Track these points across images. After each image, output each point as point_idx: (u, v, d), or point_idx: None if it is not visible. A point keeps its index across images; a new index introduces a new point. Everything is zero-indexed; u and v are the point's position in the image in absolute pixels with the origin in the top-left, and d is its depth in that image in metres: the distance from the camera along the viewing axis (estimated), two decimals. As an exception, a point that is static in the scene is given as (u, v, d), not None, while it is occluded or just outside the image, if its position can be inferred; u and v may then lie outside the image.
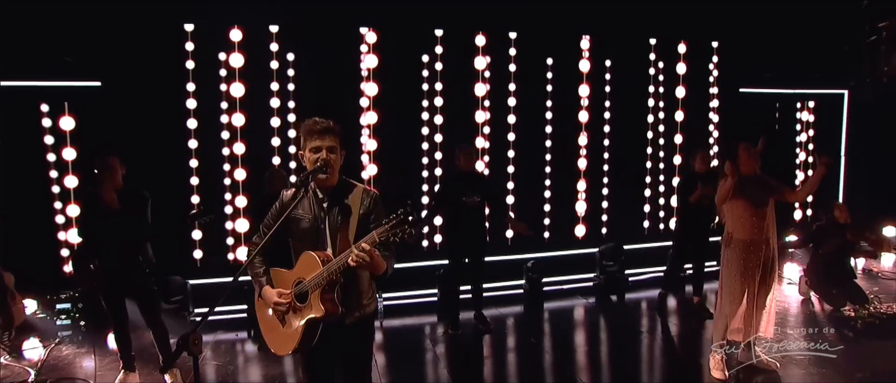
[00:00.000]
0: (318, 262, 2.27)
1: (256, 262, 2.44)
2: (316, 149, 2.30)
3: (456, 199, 4.77)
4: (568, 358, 4.52)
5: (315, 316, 2.29)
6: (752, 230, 3.68)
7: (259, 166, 5.58)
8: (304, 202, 2.39)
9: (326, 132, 2.33)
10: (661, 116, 6.93)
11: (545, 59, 6.51)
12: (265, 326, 2.52)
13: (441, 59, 6.10)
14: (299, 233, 2.39)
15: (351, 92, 5.84)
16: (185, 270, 5.44)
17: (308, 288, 2.30)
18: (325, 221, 2.37)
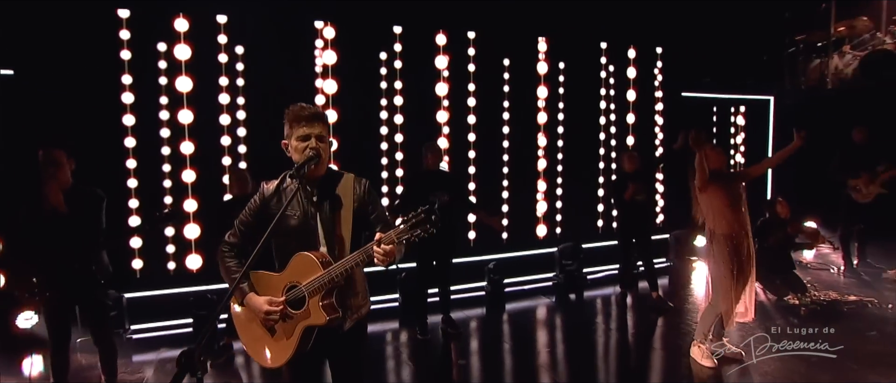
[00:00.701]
0: (317, 264, 2.05)
1: (234, 266, 2.17)
2: (304, 138, 2.09)
3: (424, 199, 4.59)
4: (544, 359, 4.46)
5: (315, 324, 2.07)
6: (733, 224, 3.81)
7: (207, 167, 5.16)
8: (288, 196, 2.15)
9: (315, 119, 2.12)
10: (613, 118, 7.12)
11: (503, 60, 6.51)
12: (248, 337, 2.24)
13: (401, 57, 5.94)
14: (287, 231, 2.14)
15: (307, 89, 5.54)
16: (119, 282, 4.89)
17: (305, 294, 2.07)
18: (317, 217, 2.15)
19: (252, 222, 2.20)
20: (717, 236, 3.88)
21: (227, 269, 2.18)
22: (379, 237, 1.96)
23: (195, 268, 5.14)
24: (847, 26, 8.02)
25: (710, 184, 3.84)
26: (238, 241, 2.21)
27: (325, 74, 5.57)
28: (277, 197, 2.17)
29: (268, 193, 2.20)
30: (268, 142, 5.25)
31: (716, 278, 3.92)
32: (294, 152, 2.11)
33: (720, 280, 3.89)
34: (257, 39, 5.33)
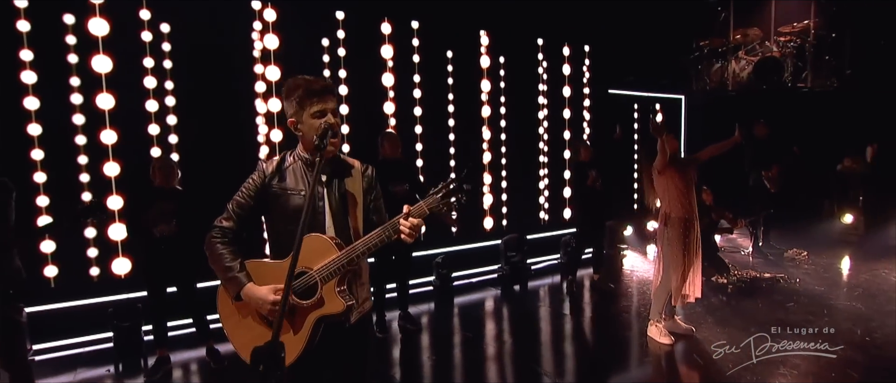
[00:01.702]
0: (332, 246, 1.85)
1: (227, 254, 1.90)
2: (320, 114, 1.90)
3: (382, 189, 4.40)
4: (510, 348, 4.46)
5: (331, 313, 1.86)
6: (686, 208, 4.07)
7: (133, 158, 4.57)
8: (293, 174, 1.95)
9: (328, 92, 1.94)
10: (548, 113, 7.35)
11: (446, 52, 6.46)
12: (244, 337, 1.94)
13: (344, 44, 5.67)
14: (290, 213, 1.91)
15: (245, 75, 5.10)
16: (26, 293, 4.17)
17: (318, 280, 1.85)
18: (325, 198, 1.95)
19: (250, 204, 1.94)
20: (672, 219, 4.13)
21: (219, 257, 1.90)
22: (407, 210, 1.83)
23: (123, 272, 4.52)
24: (742, 34, 8.97)
25: (668, 168, 4.08)
26: (234, 225, 1.94)
27: (267, 60, 5.16)
28: (279, 176, 1.95)
29: (269, 172, 1.95)
30: (201, 131, 4.87)
31: (668, 258, 4.17)
32: (309, 130, 1.90)
33: (672, 260, 4.14)
34: (186, 17, 4.81)
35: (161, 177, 3.85)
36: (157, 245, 3.76)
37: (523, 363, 4.12)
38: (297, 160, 1.98)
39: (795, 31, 8.59)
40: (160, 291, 3.88)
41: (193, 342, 4.30)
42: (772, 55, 8.59)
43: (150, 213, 3.73)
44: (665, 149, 4.03)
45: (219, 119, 4.91)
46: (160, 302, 3.89)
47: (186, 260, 3.84)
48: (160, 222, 3.70)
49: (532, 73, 7.18)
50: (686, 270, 4.14)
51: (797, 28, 8.60)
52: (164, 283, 3.90)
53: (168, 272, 3.86)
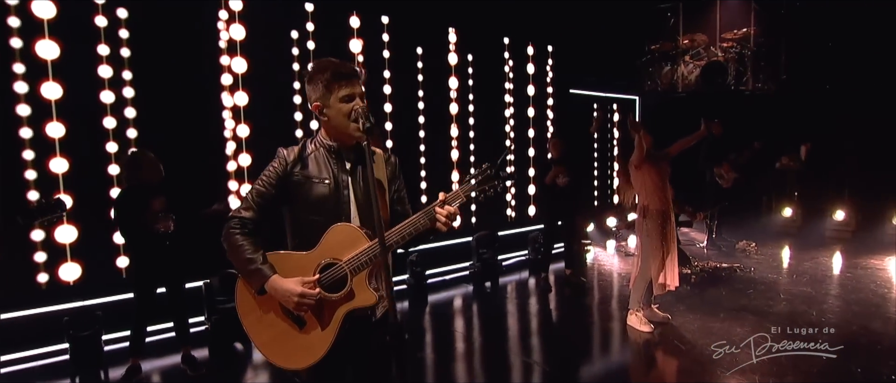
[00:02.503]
0: (362, 236, 1.76)
1: (248, 245, 1.76)
2: (348, 98, 1.79)
3: None
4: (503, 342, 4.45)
5: (362, 306, 1.78)
6: (663, 200, 4.22)
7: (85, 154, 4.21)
8: (315, 162, 1.84)
9: (355, 77, 1.83)
10: (514, 111, 7.45)
11: (416, 49, 6.40)
12: (266, 334, 1.81)
13: (314, 37, 5.48)
14: (314, 202, 1.80)
15: (210, 66, 4.81)
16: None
17: (347, 271, 1.75)
18: (350, 187, 1.85)
19: (271, 193, 1.81)
20: (651, 211, 4.26)
21: (239, 249, 1.76)
22: (443, 197, 1.78)
23: (72, 279, 4.13)
24: (689, 39, 9.49)
25: (645, 163, 4.22)
26: (254, 215, 1.80)
27: (233, 51, 4.90)
28: (301, 163, 1.83)
29: (290, 159, 1.84)
30: (163, 126, 4.54)
31: (647, 250, 4.30)
32: (337, 115, 1.79)
33: (651, 251, 4.28)
34: (146, 2, 4.48)
35: (148, 173, 3.61)
36: (158, 243, 3.56)
37: (513, 355, 4.13)
38: (319, 147, 1.87)
39: (736, 37, 9.18)
40: (151, 293, 3.65)
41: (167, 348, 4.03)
42: (717, 59, 9.13)
43: (147, 211, 3.48)
44: (642, 145, 4.17)
45: (182, 113, 4.59)
46: (149, 305, 3.63)
47: (180, 257, 3.66)
48: (160, 219, 3.50)
49: (499, 72, 7.25)
50: (664, 260, 4.29)
51: (738, 35, 9.19)
52: (155, 284, 3.67)
53: (160, 272, 3.66)
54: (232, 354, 4.16)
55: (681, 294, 5.16)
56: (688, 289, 5.50)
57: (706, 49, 9.39)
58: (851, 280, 5.78)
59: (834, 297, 5.18)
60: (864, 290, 5.38)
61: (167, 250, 3.60)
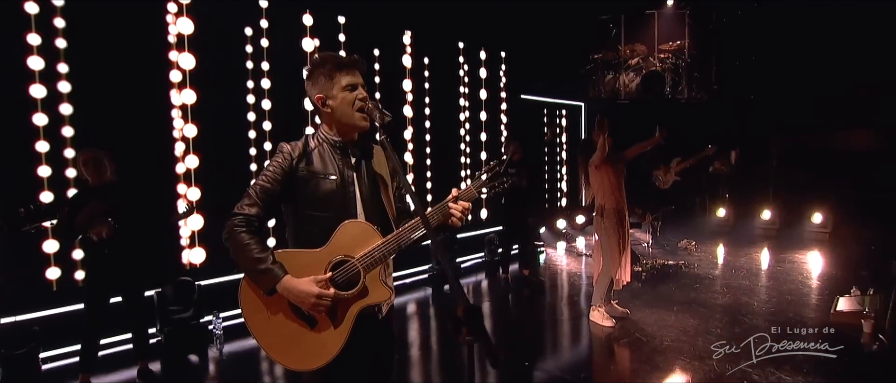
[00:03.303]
0: (375, 232, 1.74)
1: (254, 244, 1.68)
2: (351, 87, 1.78)
3: None
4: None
5: (376, 303, 1.76)
6: (619, 200, 4.40)
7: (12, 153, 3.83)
8: (320, 158, 1.79)
9: (356, 66, 1.82)
10: (469, 115, 7.53)
11: (373, 50, 6.34)
12: (276, 335, 1.72)
13: (267, 35, 5.30)
14: (321, 198, 1.75)
15: (158, 61, 4.53)
16: None
17: (360, 268, 1.71)
18: (355, 182, 1.81)
19: (276, 189, 1.74)
20: (608, 211, 4.44)
21: (246, 248, 1.67)
22: (455, 193, 1.78)
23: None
24: (630, 50, 10.01)
25: (604, 164, 4.39)
26: (259, 212, 1.72)
27: (182, 46, 4.64)
28: (306, 159, 1.78)
29: (295, 155, 1.78)
30: (104, 124, 4.20)
31: (607, 248, 4.47)
32: (341, 104, 1.77)
33: (611, 249, 4.46)
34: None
35: (92, 173, 3.33)
36: (98, 250, 3.26)
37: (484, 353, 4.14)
38: (323, 142, 1.82)
39: (672, 49, 9.78)
40: (102, 304, 3.34)
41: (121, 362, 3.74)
42: (655, 69, 9.69)
43: (81, 215, 3.16)
44: (604, 147, 4.34)
45: (126, 111, 4.29)
46: (100, 317, 3.31)
47: (133, 264, 3.37)
48: (94, 223, 3.17)
49: (454, 76, 7.31)
50: (620, 257, 4.48)
51: (673, 47, 9.80)
52: (107, 294, 3.35)
53: (113, 280, 3.36)
54: (186, 367, 3.91)
55: (635, 290, 5.40)
56: (639, 286, 5.75)
57: (645, 59, 9.94)
58: (781, 273, 6.28)
59: (769, 288, 5.60)
60: (793, 281, 5.86)
61: (112, 257, 3.31)
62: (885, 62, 8.19)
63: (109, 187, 3.36)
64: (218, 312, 4.28)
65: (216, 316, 4.25)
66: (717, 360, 3.62)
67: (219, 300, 4.46)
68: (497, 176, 1.82)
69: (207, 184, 4.81)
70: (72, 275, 4.10)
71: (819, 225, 8.22)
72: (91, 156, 3.35)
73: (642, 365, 3.69)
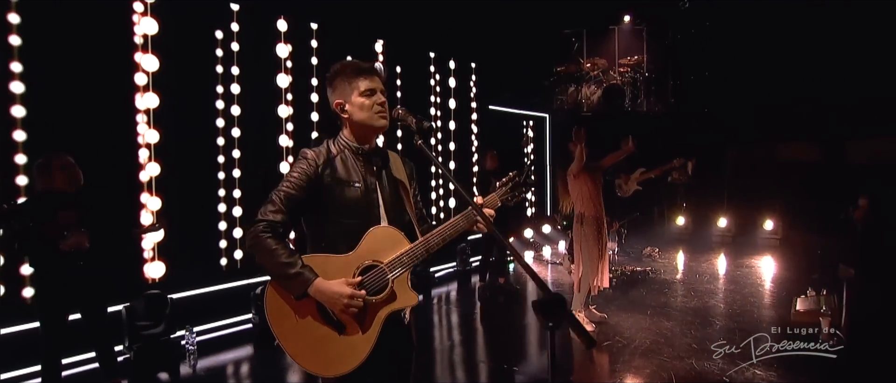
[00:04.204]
0: (402, 238, 1.77)
1: (281, 249, 1.66)
2: (369, 92, 1.80)
3: None
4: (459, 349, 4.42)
5: (404, 307, 1.77)
6: (598, 208, 4.53)
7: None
8: (343, 164, 1.80)
9: (374, 73, 1.85)
10: (439, 124, 7.58)
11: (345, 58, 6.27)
12: (304, 340, 1.70)
13: (238, 39, 5.16)
14: (346, 205, 1.76)
15: (121, 62, 4.32)
16: None
17: (388, 274, 1.72)
18: (378, 189, 1.83)
19: (301, 196, 1.73)
20: (588, 218, 4.56)
21: (274, 253, 1.64)
22: (480, 200, 1.85)
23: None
24: (591, 63, 10.37)
25: (582, 173, 4.51)
26: (284, 218, 1.70)
27: (145, 47, 4.44)
28: (330, 166, 1.78)
29: (320, 162, 1.77)
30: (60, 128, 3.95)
31: (587, 254, 4.59)
32: (358, 110, 1.78)
33: (589, 254, 4.57)
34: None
35: (62, 180, 3.13)
36: (67, 262, 3.05)
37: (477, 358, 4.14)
38: (344, 149, 1.83)
39: (631, 63, 10.22)
40: (62, 321, 3.10)
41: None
42: (615, 83, 10.07)
43: (51, 224, 2.95)
44: (582, 156, 4.46)
45: (85, 114, 4.05)
46: (62, 335, 3.07)
47: (98, 278, 3.16)
48: (70, 235, 3.00)
49: (424, 85, 7.34)
50: (598, 262, 4.60)
51: (632, 61, 10.24)
52: (67, 310, 3.12)
53: (75, 295, 3.13)
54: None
55: (608, 296, 5.55)
56: (611, 291, 5.91)
57: (605, 73, 10.33)
58: (740, 276, 6.63)
59: (732, 291, 5.89)
60: (751, 285, 6.19)
61: (82, 270, 3.12)
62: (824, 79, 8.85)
63: (78, 196, 3.17)
64: (191, 327, 4.08)
65: (189, 330, 4.05)
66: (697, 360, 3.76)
67: (192, 314, 4.26)
68: (516, 186, 1.89)
69: (169, 193, 4.59)
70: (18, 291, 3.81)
71: (771, 231, 8.74)
72: (68, 161, 3.16)
73: (626, 367, 3.79)
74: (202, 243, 4.92)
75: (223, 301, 4.88)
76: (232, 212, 5.07)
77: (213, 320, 4.74)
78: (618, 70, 10.26)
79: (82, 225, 3.11)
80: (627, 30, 10.36)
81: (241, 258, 5.14)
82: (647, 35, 10.29)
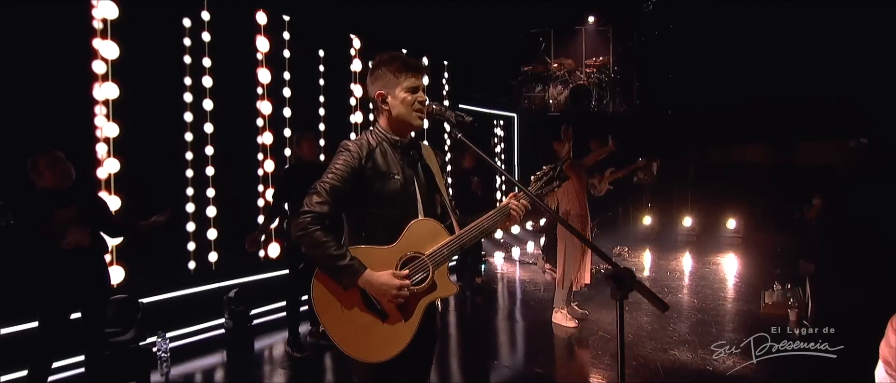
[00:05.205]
0: (443, 230, 1.88)
1: (331, 241, 1.74)
2: (413, 89, 1.90)
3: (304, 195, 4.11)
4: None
5: (444, 296, 1.89)
6: (583, 205, 4.76)
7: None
8: (383, 157, 1.89)
9: (421, 70, 1.95)
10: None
11: (317, 51, 6.29)
12: (350, 328, 1.80)
13: (209, 28, 5.08)
14: (387, 197, 1.86)
15: (78, 49, 4.15)
16: None
17: (430, 264, 1.84)
18: (415, 182, 1.94)
19: (346, 189, 1.82)
20: (573, 215, 4.79)
21: (324, 245, 1.73)
22: (513, 196, 1.99)
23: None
24: (559, 64, 10.75)
25: (569, 170, 4.73)
26: (330, 210, 1.79)
27: (105, 33, 4.30)
28: (372, 158, 1.86)
29: (363, 154, 1.85)
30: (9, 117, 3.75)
31: (571, 251, 4.81)
32: (400, 105, 1.88)
33: (572, 251, 4.80)
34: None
35: (52, 177, 3.02)
36: (69, 261, 2.98)
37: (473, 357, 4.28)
38: (382, 141, 1.92)
39: (597, 64, 10.66)
40: (62, 322, 3.03)
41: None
42: (582, 84, 10.48)
43: (50, 222, 2.88)
44: (569, 154, 4.68)
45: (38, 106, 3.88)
46: (58, 338, 2.98)
47: (99, 277, 3.12)
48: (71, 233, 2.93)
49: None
50: (582, 259, 4.84)
51: (598, 62, 10.69)
52: (68, 311, 3.05)
53: (76, 295, 3.06)
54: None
55: (585, 294, 5.79)
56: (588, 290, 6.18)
57: (571, 73, 10.73)
58: (708, 273, 7.07)
59: (702, 287, 6.30)
60: (719, 281, 6.64)
61: (84, 268, 3.09)
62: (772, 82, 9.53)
63: (73, 193, 3.09)
64: (163, 333, 4.00)
65: (161, 337, 3.96)
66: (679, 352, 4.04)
67: (165, 319, 4.17)
68: (550, 180, 2.01)
69: (130, 192, 4.44)
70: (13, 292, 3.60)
71: (733, 230, 9.33)
72: (55, 157, 3.06)
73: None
74: (168, 245, 4.80)
75: (192, 306, 4.78)
76: (205, 212, 4.97)
77: (183, 326, 4.64)
78: (584, 70, 10.69)
79: (81, 221, 3.03)
80: (594, 31, 10.81)
81: (215, 261, 5.06)
82: (613, 36, 10.78)
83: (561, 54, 10.78)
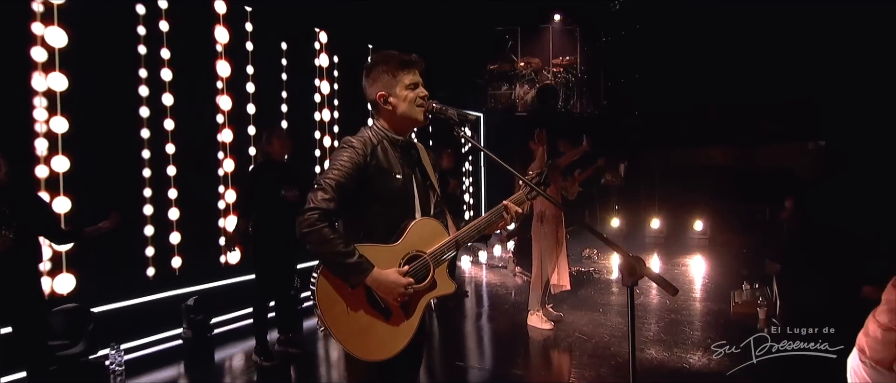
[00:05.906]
0: (444, 229, 1.95)
1: (338, 239, 1.75)
2: (413, 85, 1.95)
3: (274, 195, 4.05)
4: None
5: (443, 294, 1.95)
6: (557, 206, 4.84)
7: None
8: (384, 155, 1.92)
9: (418, 65, 2.00)
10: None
11: (280, 44, 6.20)
12: (353, 326, 1.82)
13: (166, 16, 4.91)
14: (389, 196, 1.90)
15: (15, 34, 3.93)
16: None
17: (430, 263, 1.89)
18: (412, 181, 1.98)
19: (350, 185, 1.82)
20: (547, 216, 4.90)
21: (331, 242, 1.74)
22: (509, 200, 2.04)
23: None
24: (526, 62, 10.92)
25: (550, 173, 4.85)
26: (336, 207, 1.79)
27: (49, 19, 4.09)
28: (375, 156, 1.89)
29: (368, 151, 1.87)
30: None
31: (546, 252, 4.91)
32: (403, 103, 1.92)
33: (548, 253, 4.91)
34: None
35: None
36: None
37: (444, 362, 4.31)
38: (383, 140, 1.94)
39: (564, 64, 10.89)
40: None
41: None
42: (549, 83, 10.68)
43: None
44: (543, 156, 4.78)
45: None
46: None
47: (32, 282, 2.94)
48: None
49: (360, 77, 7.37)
50: (558, 261, 4.95)
51: (565, 62, 10.92)
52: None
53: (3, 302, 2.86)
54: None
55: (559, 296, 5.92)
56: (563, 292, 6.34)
57: (538, 73, 10.92)
58: (678, 275, 7.35)
59: (672, 288, 6.53)
60: (689, 282, 6.92)
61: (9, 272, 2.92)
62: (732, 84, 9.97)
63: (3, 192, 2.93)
64: (117, 344, 3.84)
65: (115, 349, 3.80)
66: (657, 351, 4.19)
67: (119, 330, 4.01)
68: (540, 183, 2.08)
69: (81, 192, 4.25)
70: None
71: (700, 232, 9.72)
72: None
73: (593, 360, 4.14)
74: (124, 251, 4.61)
75: (149, 315, 4.61)
76: (168, 214, 4.80)
77: (139, 337, 4.47)
78: (551, 70, 10.90)
79: (5, 223, 2.87)
80: (560, 30, 11.04)
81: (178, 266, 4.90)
82: (580, 35, 11.03)
83: (527, 53, 10.93)
